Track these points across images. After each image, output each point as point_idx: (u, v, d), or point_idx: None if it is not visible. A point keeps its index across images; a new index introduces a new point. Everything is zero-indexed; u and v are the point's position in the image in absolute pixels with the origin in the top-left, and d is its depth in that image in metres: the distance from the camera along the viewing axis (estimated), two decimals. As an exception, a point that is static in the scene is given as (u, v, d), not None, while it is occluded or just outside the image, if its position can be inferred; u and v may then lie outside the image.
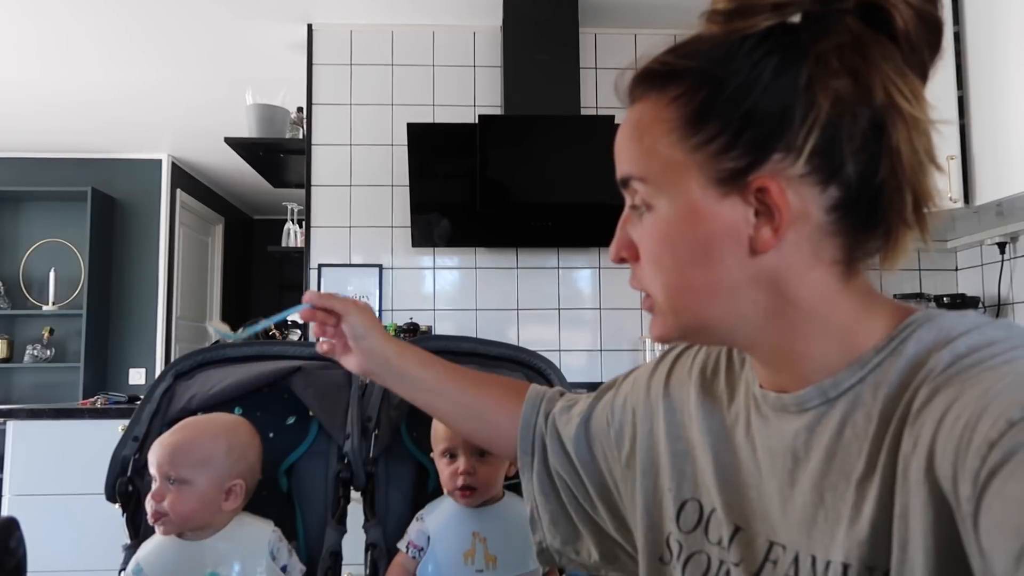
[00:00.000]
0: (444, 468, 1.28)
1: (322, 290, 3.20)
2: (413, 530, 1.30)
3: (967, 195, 2.34)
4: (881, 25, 0.54)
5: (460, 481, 1.24)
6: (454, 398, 0.95)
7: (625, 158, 0.62)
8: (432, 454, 1.34)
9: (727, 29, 0.56)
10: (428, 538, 1.28)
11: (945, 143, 2.32)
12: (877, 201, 0.57)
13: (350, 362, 0.96)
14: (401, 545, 1.31)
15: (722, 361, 0.74)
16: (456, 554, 1.25)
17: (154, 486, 1.19)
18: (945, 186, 2.34)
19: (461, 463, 1.24)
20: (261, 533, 1.25)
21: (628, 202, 0.64)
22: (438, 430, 1.31)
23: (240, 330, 1.00)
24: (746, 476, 0.66)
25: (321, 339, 0.97)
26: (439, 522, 1.29)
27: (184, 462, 1.19)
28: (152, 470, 1.20)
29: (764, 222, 0.57)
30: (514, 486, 1.39)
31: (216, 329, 1.03)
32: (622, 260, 0.65)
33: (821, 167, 0.55)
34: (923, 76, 0.56)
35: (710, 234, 0.58)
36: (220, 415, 1.35)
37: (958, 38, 2.38)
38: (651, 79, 0.61)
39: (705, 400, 0.73)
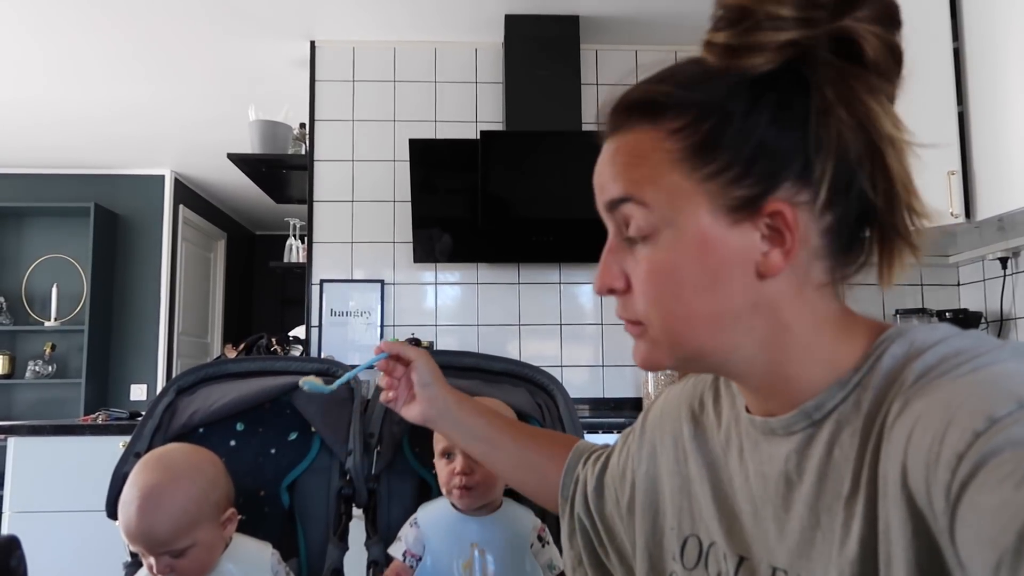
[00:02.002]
0: (443, 469, 1.28)
1: (324, 306, 3.21)
2: (409, 536, 1.29)
3: (968, 210, 2.34)
4: (852, 56, 0.56)
5: (458, 481, 1.24)
6: (508, 449, 0.98)
7: (620, 183, 0.61)
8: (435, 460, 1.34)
9: (724, 64, 0.57)
10: (424, 546, 1.27)
11: (946, 159, 2.34)
12: (864, 221, 0.59)
13: (411, 411, 1.00)
14: (396, 553, 1.29)
15: (708, 391, 0.75)
16: (455, 564, 1.25)
17: (152, 560, 1.13)
18: (946, 201, 2.34)
19: (459, 462, 1.25)
20: (262, 556, 1.25)
21: (614, 231, 0.63)
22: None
23: (333, 384, 1.06)
24: (743, 503, 0.66)
25: (386, 390, 1.02)
26: (435, 529, 1.29)
27: (179, 535, 1.13)
28: (142, 552, 1.14)
29: (773, 246, 0.58)
30: (514, 493, 1.39)
31: (310, 384, 1.07)
32: (611, 292, 0.64)
33: (829, 194, 0.57)
34: (891, 100, 0.59)
35: (720, 261, 0.58)
36: (175, 452, 1.25)
37: (957, 54, 2.39)
38: (647, 108, 0.60)
39: (697, 432, 0.74)
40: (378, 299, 3.25)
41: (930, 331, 0.57)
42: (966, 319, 2.88)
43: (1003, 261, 2.80)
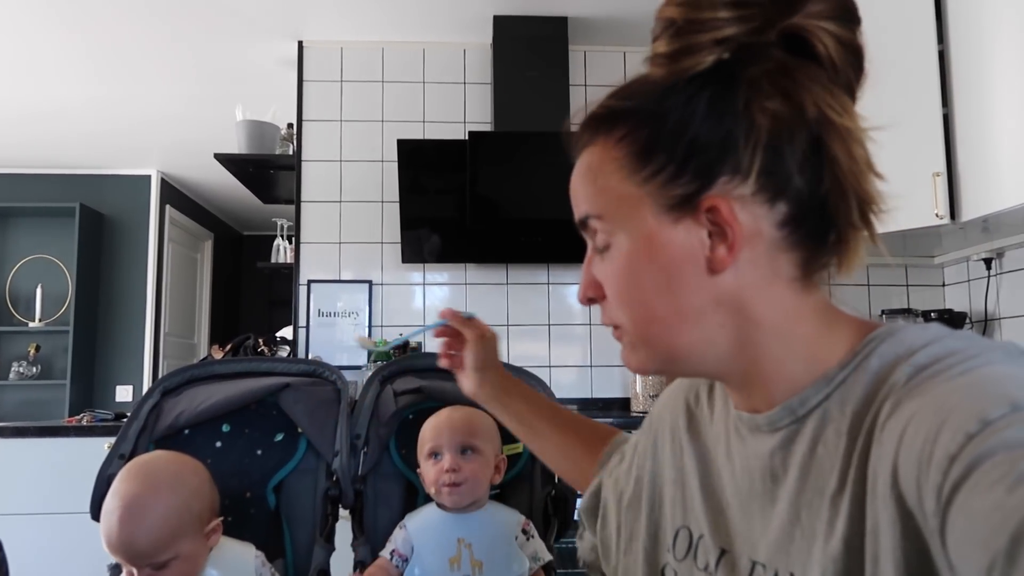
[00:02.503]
0: (430, 470, 1.31)
1: (312, 307, 3.19)
2: (398, 538, 1.32)
3: (953, 211, 2.36)
4: (805, 53, 0.58)
5: (447, 478, 1.26)
6: (549, 437, 1.03)
7: (581, 200, 0.65)
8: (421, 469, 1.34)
9: (671, 71, 0.59)
10: (412, 547, 1.29)
11: (931, 160, 2.35)
12: (824, 210, 0.59)
13: (463, 384, 1.07)
14: (384, 553, 1.31)
15: (703, 384, 0.77)
16: (442, 560, 1.27)
17: (134, 571, 1.12)
18: (931, 202, 2.36)
19: (447, 460, 1.28)
20: (245, 559, 1.24)
21: (589, 244, 0.67)
22: (424, 433, 1.33)
23: (384, 343, 1.12)
24: (730, 497, 0.67)
25: (441, 356, 1.08)
26: (423, 529, 1.31)
27: (161, 547, 1.12)
28: (123, 563, 1.13)
29: (718, 242, 0.59)
30: (496, 496, 1.40)
31: (360, 343, 1.11)
32: (591, 301, 0.67)
33: (767, 185, 0.58)
34: (851, 95, 0.60)
35: (669, 260, 0.60)
36: (152, 468, 1.20)
37: (942, 56, 2.41)
38: (597, 123, 0.64)
39: (691, 425, 0.75)
40: (366, 300, 3.24)
41: (921, 331, 0.57)
42: (951, 319, 2.90)
43: (987, 262, 2.82)
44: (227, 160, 3.32)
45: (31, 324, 4.98)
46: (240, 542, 1.28)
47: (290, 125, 3.42)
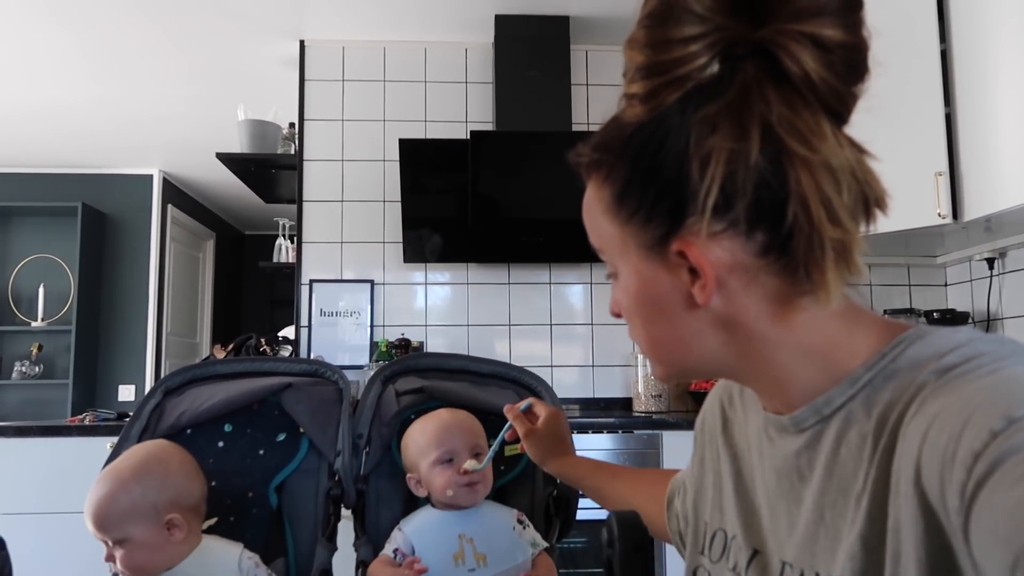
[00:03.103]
0: (441, 474, 1.30)
1: (313, 306, 3.20)
2: (398, 538, 1.32)
3: (955, 211, 2.36)
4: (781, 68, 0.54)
5: (467, 479, 1.29)
6: (612, 496, 1.10)
7: (588, 231, 0.68)
8: (413, 473, 1.35)
9: (646, 108, 0.58)
10: (412, 547, 1.29)
11: (933, 160, 2.35)
12: (791, 245, 0.56)
13: (532, 452, 1.20)
14: (388, 551, 1.32)
15: (735, 386, 0.78)
16: (446, 556, 1.27)
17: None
18: (934, 202, 2.35)
19: (467, 462, 1.30)
20: (228, 556, 1.24)
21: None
22: (426, 440, 1.32)
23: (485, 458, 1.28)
24: (761, 498, 0.68)
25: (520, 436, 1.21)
26: (421, 531, 1.31)
27: (110, 524, 1.17)
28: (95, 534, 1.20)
29: (696, 280, 0.59)
30: (497, 496, 1.41)
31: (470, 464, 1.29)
32: (617, 315, 0.69)
33: (736, 219, 0.56)
34: (838, 107, 0.56)
35: (657, 295, 0.62)
36: (142, 448, 1.30)
37: (945, 56, 2.40)
38: (584, 167, 0.66)
39: (726, 427, 0.76)
40: (368, 299, 3.24)
41: (952, 334, 0.56)
42: (953, 319, 2.90)
43: (990, 262, 2.82)
44: (229, 159, 3.32)
45: (33, 323, 4.98)
46: (229, 542, 1.28)
47: (292, 124, 3.43)
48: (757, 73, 0.55)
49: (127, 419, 1.44)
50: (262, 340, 3.03)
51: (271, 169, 3.48)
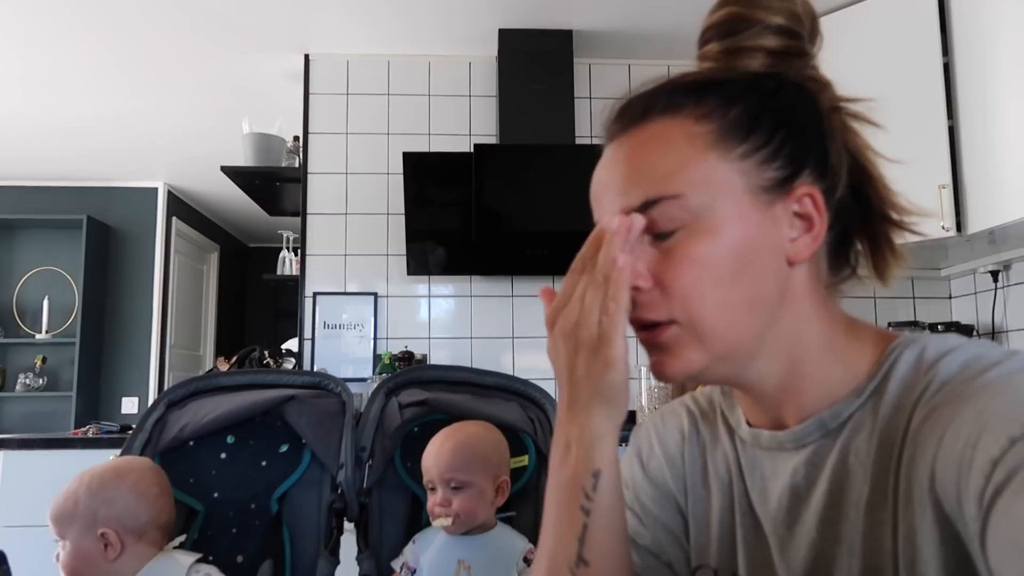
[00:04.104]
0: (429, 498, 1.31)
1: (317, 319, 3.20)
2: (409, 551, 1.33)
3: (959, 223, 2.36)
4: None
5: (438, 511, 1.28)
6: None
7: (647, 179, 0.58)
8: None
9: (723, 66, 0.62)
10: (419, 563, 1.29)
11: (937, 172, 2.35)
12: (867, 212, 0.63)
13: None
14: (396, 565, 1.32)
15: (697, 413, 0.74)
16: None
17: None
18: (938, 215, 2.35)
19: (438, 495, 1.28)
20: (175, 570, 1.23)
21: (638, 227, 0.58)
22: (424, 462, 1.32)
23: None
24: (738, 523, 0.66)
25: None
26: (426, 548, 1.32)
27: (55, 519, 1.22)
28: None
29: (803, 231, 0.59)
30: (509, 519, 1.39)
31: None
32: (635, 290, 0.59)
33: (833, 183, 0.60)
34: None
35: (756, 244, 0.57)
36: (119, 460, 1.34)
37: (947, 69, 2.41)
38: (681, 94, 0.60)
39: (697, 454, 0.72)
40: (371, 312, 3.24)
41: (942, 339, 0.57)
42: (958, 332, 2.89)
43: (994, 274, 2.81)
44: (234, 173, 3.33)
45: (38, 336, 4.99)
46: (186, 553, 1.27)
47: (296, 138, 3.44)
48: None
49: (130, 432, 1.44)
50: (266, 352, 3.03)
51: (275, 182, 3.48)
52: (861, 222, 0.63)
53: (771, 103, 0.59)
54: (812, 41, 0.62)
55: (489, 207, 3.03)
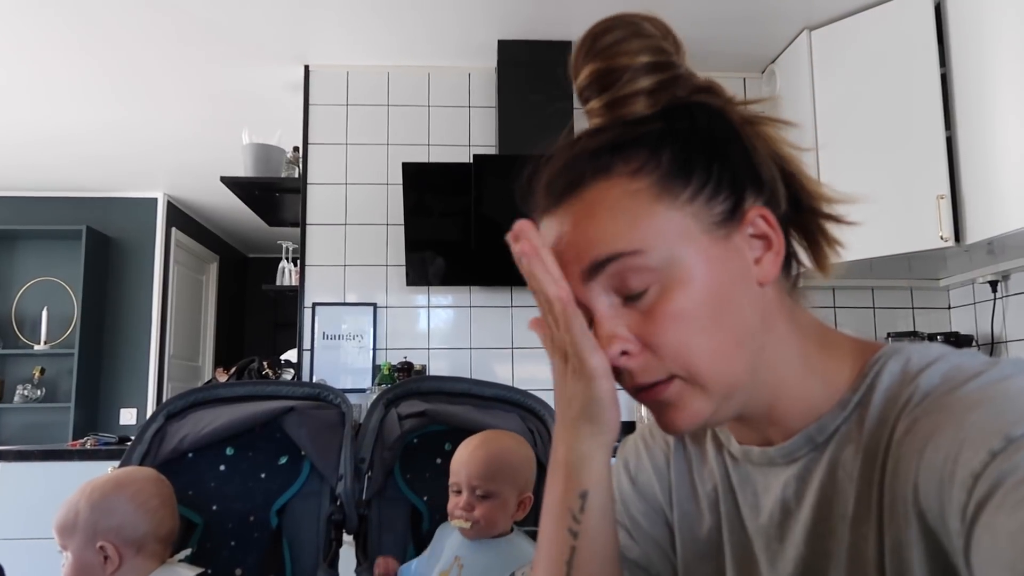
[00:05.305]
0: (451, 498, 1.31)
1: (316, 329, 3.19)
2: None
3: (958, 234, 2.36)
4: None
5: (459, 514, 1.27)
6: None
7: (599, 243, 0.58)
8: None
9: (611, 117, 0.62)
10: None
11: (935, 183, 2.36)
12: (801, 220, 0.63)
13: None
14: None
15: (659, 451, 0.75)
16: (435, 569, 1.28)
17: None
18: (936, 225, 2.36)
19: (463, 499, 1.28)
20: None
21: (602, 298, 0.59)
22: (454, 463, 1.32)
23: None
24: (726, 540, 0.65)
25: None
26: (439, 536, 1.34)
27: (58, 529, 1.23)
28: None
29: (764, 249, 0.59)
30: (533, 533, 1.38)
31: None
32: (624, 354, 0.58)
33: (773, 194, 0.60)
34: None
35: (726, 280, 0.57)
36: (121, 472, 1.34)
37: (945, 79, 2.42)
38: (608, 155, 0.59)
39: (684, 469, 0.72)
40: (370, 322, 3.24)
41: (925, 349, 0.57)
42: (957, 342, 2.89)
43: (993, 284, 2.82)
44: (233, 183, 3.33)
45: (36, 347, 4.98)
46: (187, 567, 1.26)
47: (296, 148, 3.44)
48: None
49: (128, 443, 1.43)
50: (265, 363, 3.03)
51: (275, 193, 3.49)
52: (793, 218, 0.62)
53: (693, 138, 0.59)
54: (679, 54, 0.61)
55: (488, 217, 3.03)
